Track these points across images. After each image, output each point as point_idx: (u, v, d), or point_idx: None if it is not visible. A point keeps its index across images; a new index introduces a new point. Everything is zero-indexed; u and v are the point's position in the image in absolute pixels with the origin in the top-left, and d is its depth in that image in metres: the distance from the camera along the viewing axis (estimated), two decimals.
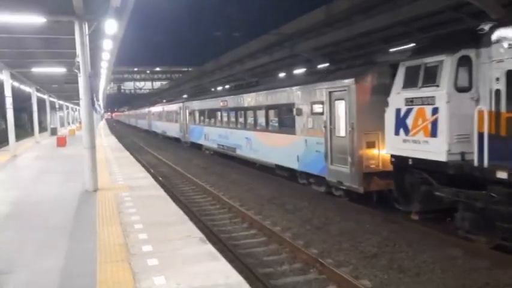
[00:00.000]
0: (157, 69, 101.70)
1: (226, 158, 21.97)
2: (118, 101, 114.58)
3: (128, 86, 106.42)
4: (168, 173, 19.92)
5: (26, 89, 30.52)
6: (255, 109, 17.58)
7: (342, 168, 11.43)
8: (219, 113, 22.42)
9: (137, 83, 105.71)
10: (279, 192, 14.14)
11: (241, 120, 19.21)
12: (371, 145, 10.86)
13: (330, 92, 11.88)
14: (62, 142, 26.85)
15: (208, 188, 15.15)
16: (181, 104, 31.42)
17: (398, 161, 9.51)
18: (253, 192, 14.47)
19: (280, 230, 10.02)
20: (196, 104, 27.31)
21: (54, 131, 39.27)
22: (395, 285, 6.92)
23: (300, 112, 13.57)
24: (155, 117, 45.32)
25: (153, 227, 7.86)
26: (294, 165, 14.12)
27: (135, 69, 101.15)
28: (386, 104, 9.65)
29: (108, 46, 14.96)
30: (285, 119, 14.98)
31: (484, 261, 7.70)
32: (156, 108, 44.62)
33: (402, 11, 17.76)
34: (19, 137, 29.33)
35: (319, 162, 12.44)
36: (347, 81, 11.20)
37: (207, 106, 24.62)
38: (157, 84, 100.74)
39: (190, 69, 75.06)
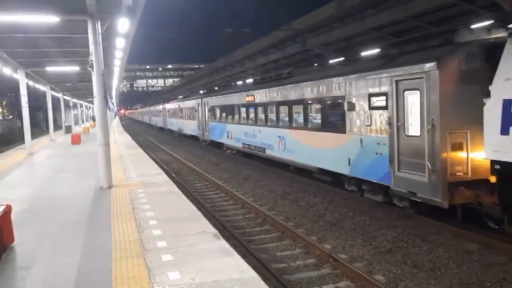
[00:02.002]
0: (169, 66, 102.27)
1: (249, 157, 20.39)
2: (131, 98, 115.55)
3: (141, 83, 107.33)
4: (181, 169, 20.04)
5: (41, 87, 30.93)
6: (290, 104, 15.29)
7: (415, 175, 9.18)
8: (244, 109, 20.10)
9: (149, 81, 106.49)
10: (292, 188, 14.14)
11: (272, 116, 16.97)
12: (457, 147, 8.63)
13: (398, 81, 9.61)
14: (76, 140, 27.19)
15: (221, 184, 15.21)
16: (199, 100, 29.18)
17: (506, 169, 7.40)
18: (266, 188, 14.50)
19: (293, 225, 10.04)
20: (218, 100, 24.90)
21: (68, 129, 39.76)
22: (410, 280, 6.89)
23: (352, 106, 11.31)
24: (170, 114, 43.49)
25: (167, 223, 7.93)
26: (344, 170, 11.88)
27: (147, 66, 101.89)
28: (486, 95, 7.65)
29: (120, 44, 15.09)
30: (331, 114, 12.70)
31: (501, 256, 7.62)
32: (172, 105, 42.86)
33: (414, 5, 17.55)
34: (34, 135, 29.79)
35: (380, 167, 10.25)
36: (426, 66, 8.82)
37: (231, 101, 22.19)
38: (169, 82, 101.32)
39: (201, 66, 75.33)
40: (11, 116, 54.65)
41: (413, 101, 9.37)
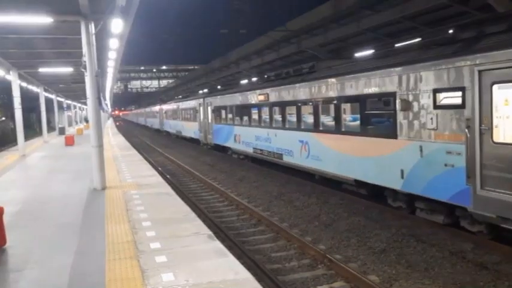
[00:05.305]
0: (164, 67, 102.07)
1: (260, 163, 18.49)
2: (125, 99, 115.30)
3: (135, 84, 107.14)
4: (176, 170, 20.00)
5: (34, 89, 30.75)
6: (316, 102, 13.09)
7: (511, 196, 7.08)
8: (256, 110, 17.99)
9: (144, 82, 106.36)
10: (287, 188, 14.14)
11: (291, 118, 14.91)
12: None
13: (482, 71, 7.45)
14: (70, 141, 27.08)
15: (216, 185, 15.18)
16: (201, 100, 27.06)
17: None
18: (261, 189, 14.48)
19: (288, 226, 10.04)
20: (223, 100, 22.54)
21: (62, 131, 39.59)
22: (404, 280, 6.90)
23: (407, 105, 9.17)
24: (168, 116, 41.73)
25: (161, 224, 7.90)
26: (394, 184, 9.75)
27: (142, 68, 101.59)
28: None
29: (114, 45, 15.02)
30: (375, 115, 10.63)
31: (494, 255, 7.65)
32: (169, 106, 40.93)
33: (409, 6, 17.65)
34: (28, 136, 29.62)
35: (451, 182, 8.11)
36: None
37: (239, 101, 19.91)
38: (164, 83, 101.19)
39: (196, 67, 75.21)
40: (4, 118, 54.33)
41: (508, 97, 7.27)
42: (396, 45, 17.57)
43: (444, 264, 7.44)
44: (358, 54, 18.24)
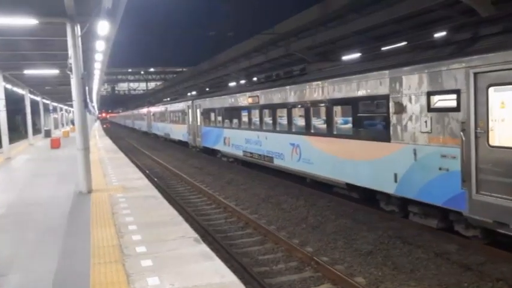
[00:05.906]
0: (152, 69, 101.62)
1: (250, 166, 18.31)
2: (113, 101, 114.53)
3: (122, 87, 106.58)
4: (163, 173, 19.89)
5: (19, 91, 30.34)
6: (308, 105, 12.86)
7: (509, 201, 6.91)
8: (246, 112, 17.68)
9: (131, 84, 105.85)
10: (275, 191, 14.15)
11: (282, 120, 14.67)
12: None
13: (478, 74, 7.32)
14: (55, 144, 26.75)
15: (203, 188, 15.14)
16: (189, 103, 26.87)
17: None
18: (249, 191, 14.47)
19: (275, 228, 10.04)
20: (213, 102, 22.21)
21: (48, 133, 39.08)
22: (390, 281, 6.94)
23: (400, 108, 9.04)
24: (156, 118, 41.41)
25: (147, 227, 7.83)
26: (387, 188, 9.62)
27: (129, 70, 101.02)
28: None
29: (100, 47, 14.89)
30: (367, 118, 10.44)
31: (478, 256, 7.74)
32: (158, 108, 40.68)
33: (395, 10, 17.85)
34: (13, 139, 29.19)
35: (446, 186, 7.97)
36: None
37: (229, 104, 19.68)
38: (151, 85, 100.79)
39: (184, 69, 74.99)
40: None
41: (504, 99, 7.21)
42: (385, 48, 17.74)
43: (429, 265, 7.50)
44: (346, 57, 18.37)
